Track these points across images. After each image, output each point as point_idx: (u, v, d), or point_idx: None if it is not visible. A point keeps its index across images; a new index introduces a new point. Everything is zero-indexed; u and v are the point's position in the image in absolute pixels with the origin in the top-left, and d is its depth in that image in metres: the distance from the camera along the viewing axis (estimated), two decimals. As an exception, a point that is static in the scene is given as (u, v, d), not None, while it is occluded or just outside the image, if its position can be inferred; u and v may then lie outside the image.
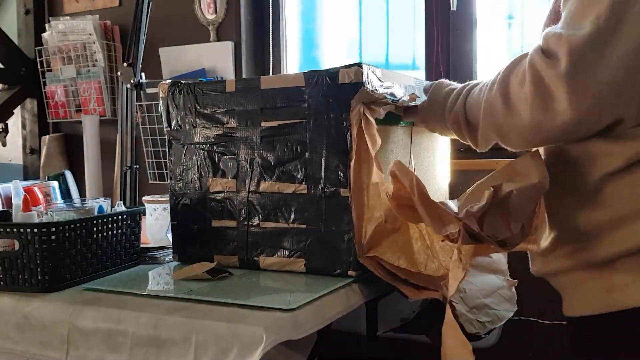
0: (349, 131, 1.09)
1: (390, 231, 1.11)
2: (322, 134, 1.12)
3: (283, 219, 1.18)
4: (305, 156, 1.15)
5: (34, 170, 2.62)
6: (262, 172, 1.19)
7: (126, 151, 1.75)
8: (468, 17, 1.96)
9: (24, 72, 2.53)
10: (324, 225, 1.14)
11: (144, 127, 2.27)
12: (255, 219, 1.21)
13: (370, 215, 1.11)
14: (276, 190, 1.18)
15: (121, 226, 1.22)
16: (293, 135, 1.15)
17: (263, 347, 0.82)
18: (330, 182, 1.12)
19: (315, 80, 1.12)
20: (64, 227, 1.10)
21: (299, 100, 1.14)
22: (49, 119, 2.52)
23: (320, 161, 1.13)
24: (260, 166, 1.19)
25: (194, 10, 2.28)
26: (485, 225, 0.92)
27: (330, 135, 1.12)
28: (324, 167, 1.13)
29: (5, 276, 1.09)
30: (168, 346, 0.90)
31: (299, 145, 1.15)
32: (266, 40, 2.29)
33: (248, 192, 1.21)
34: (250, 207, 1.21)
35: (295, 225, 1.16)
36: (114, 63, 2.37)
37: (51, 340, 1.00)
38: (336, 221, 1.12)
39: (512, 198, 0.91)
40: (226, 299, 0.97)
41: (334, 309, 0.98)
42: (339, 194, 1.11)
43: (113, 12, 2.44)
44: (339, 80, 1.10)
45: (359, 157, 1.09)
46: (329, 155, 1.12)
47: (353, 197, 1.10)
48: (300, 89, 1.14)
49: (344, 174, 1.11)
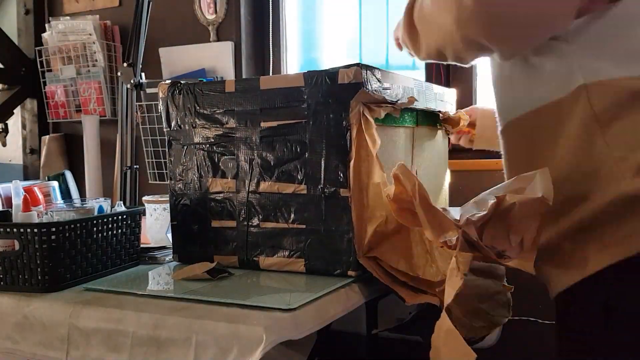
0: (349, 131, 1.09)
1: (390, 233, 1.11)
2: (321, 134, 1.12)
3: (283, 219, 1.18)
4: (304, 156, 1.15)
5: (34, 170, 2.62)
6: (262, 173, 1.19)
7: (126, 151, 1.75)
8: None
9: (24, 72, 2.53)
10: (324, 225, 1.14)
11: (144, 127, 2.27)
12: (255, 219, 1.21)
13: (370, 216, 1.11)
14: (276, 190, 1.18)
15: (121, 226, 1.22)
16: (292, 135, 1.15)
17: (263, 347, 0.82)
18: (330, 183, 1.12)
19: (314, 81, 1.12)
20: (64, 227, 1.10)
21: (299, 101, 1.14)
22: (49, 119, 2.52)
23: (319, 161, 1.13)
24: (260, 166, 1.19)
25: (194, 11, 2.28)
26: (484, 235, 0.92)
27: (330, 135, 1.12)
28: (324, 168, 1.13)
29: (5, 276, 1.09)
30: (168, 346, 0.90)
31: (298, 145, 1.15)
32: (266, 40, 2.29)
33: (248, 192, 1.21)
34: (250, 207, 1.21)
35: (295, 225, 1.17)
36: (114, 63, 2.37)
37: (51, 340, 1.00)
38: (336, 221, 1.12)
39: (514, 210, 0.91)
40: (226, 299, 0.97)
41: (334, 309, 0.98)
42: (338, 194, 1.11)
43: (113, 12, 2.44)
44: (339, 80, 1.10)
45: (359, 157, 1.09)
46: (328, 155, 1.12)
47: (353, 197, 1.10)
48: (300, 89, 1.14)
49: (343, 174, 1.11)
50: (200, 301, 0.97)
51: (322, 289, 1.01)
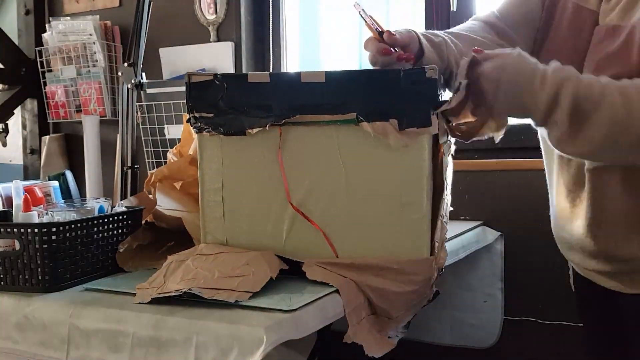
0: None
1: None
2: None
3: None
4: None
5: (35, 170, 2.62)
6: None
7: (126, 151, 1.75)
8: (468, 17, 1.94)
9: (24, 73, 2.53)
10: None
11: (144, 127, 2.27)
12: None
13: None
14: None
15: (121, 226, 1.22)
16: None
17: (264, 347, 0.82)
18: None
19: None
20: (65, 227, 1.10)
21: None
22: (49, 119, 2.52)
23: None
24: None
25: (194, 11, 2.28)
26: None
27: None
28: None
29: (5, 276, 1.09)
30: (168, 347, 0.90)
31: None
32: (266, 40, 2.30)
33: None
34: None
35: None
36: (114, 63, 2.37)
37: (52, 340, 1.00)
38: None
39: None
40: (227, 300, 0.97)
41: (334, 309, 0.98)
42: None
43: (113, 12, 2.44)
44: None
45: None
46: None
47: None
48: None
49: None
50: (201, 302, 0.97)
51: (322, 290, 1.01)
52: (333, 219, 1.09)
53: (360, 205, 1.08)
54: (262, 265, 1.03)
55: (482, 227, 1.81)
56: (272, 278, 1.00)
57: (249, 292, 0.95)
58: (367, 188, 1.08)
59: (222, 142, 1.12)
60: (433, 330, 1.88)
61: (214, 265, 1.03)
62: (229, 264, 1.03)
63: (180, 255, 1.10)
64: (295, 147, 1.09)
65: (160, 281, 1.02)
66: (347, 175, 1.08)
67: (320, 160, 1.09)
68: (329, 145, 1.08)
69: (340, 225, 1.09)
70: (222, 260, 1.05)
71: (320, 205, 1.09)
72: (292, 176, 1.09)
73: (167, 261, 1.08)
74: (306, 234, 1.10)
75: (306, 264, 1.05)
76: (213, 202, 1.13)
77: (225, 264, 1.03)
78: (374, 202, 1.07)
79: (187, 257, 1.08)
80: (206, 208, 1.14)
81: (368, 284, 1.03)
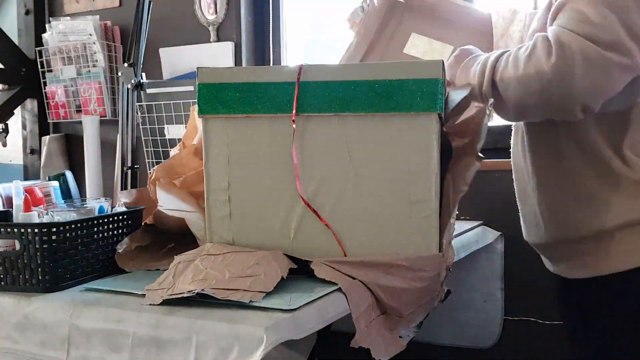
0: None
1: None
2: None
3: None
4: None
5: (35, 170, 2.62)
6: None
7: (126, 151, 1.76)
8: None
9: (25, 73, 2.53)
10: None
11: (144, 127, 2.27)
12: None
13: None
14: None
15: (122, 226, 1.22)
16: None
17: (264, 347, 0.82)
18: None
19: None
20: (65, 227, 1.10)
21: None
22: (49, 119, 2.52)
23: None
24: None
25: (194, 11, 2.28)
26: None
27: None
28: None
29: (5, 276, 1.09)
30: (168, 346, 0.90)
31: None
32: (266, 40, 2.30)
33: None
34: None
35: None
36: (114, 63, 2.37)
37: (52, 340, 1.00)
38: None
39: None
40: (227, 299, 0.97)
41: (334, 309, 0.98)
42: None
43: (113, 12, 2.44)
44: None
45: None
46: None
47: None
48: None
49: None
50: (201, 301, 0.97)
51: (322, 289, 1.01)
52: (341, 216, 1.09)
53: (368, 202, 1.08)
54: (272, 265, 1.02)
55: (482, 227, 1.81)
56: (282, 277, 1.00)
57: (262, 292, 0.95)
58: (376, 184, 1.08)
59: (227, 125, 1.11)
60: (433, 330, 1.88)
61: (224, 266, 1.02)
62: (238, 264, 1.02)
63: (188, 255, 1.09)
64: (305, 141, 1.09)
65: (170, 282, 1.01)
66: (356, 171, 1.08)
67: (329, 155, 1.09)
68: (337, 139, 1.08)
69: (348, 222, 1.09)
70: (231, 260, 1.04)
71: (329, 202, 1.09)
72: (301, 172, 1.09)
73: (175, 261, 1.07)
74: (314, 232, 1.10)
75: (314, 263, 1.05)
76: (219, 202, 1.13)
77: (235, 264, 1.02)
78: (383, 198, 1.08)
79: (194, 257, 1.07)
80: (212, 207, 1.14)
81: (377, 283, 1.02)
